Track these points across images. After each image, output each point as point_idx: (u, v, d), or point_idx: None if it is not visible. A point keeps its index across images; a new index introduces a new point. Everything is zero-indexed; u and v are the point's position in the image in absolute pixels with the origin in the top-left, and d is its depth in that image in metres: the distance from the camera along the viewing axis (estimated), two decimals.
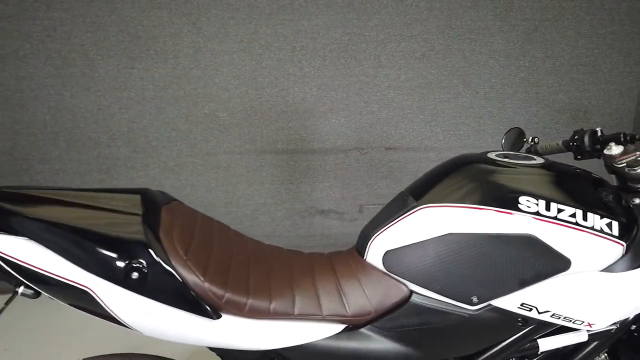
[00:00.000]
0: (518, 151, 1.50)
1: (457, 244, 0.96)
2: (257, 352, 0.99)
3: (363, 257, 1.07)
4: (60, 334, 2.33)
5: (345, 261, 1.08)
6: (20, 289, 0.91)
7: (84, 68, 2.53)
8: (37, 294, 0.92)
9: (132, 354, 1.13)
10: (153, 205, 0.97)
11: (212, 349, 1.20)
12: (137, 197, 0.97)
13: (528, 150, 1.48)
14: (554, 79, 2.97)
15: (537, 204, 0.95)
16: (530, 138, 1.47)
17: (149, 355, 1.14)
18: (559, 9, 2.86)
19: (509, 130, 1.56)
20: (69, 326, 2.40)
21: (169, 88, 2.64)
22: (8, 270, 0.86)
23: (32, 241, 0.85)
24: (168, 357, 1.17)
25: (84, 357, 1.11)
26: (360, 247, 1.09)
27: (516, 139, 1.55)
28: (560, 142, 1.37)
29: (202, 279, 0.90)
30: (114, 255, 0.85)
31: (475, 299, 0.97)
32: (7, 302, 0.97)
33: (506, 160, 1.08)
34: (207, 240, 1.00)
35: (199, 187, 2.81)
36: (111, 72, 2.56)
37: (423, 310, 0.99)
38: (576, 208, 0.96)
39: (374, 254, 1.04)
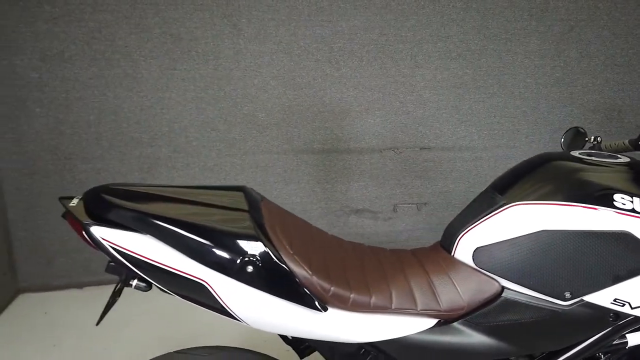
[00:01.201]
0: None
1: (551, 241, 0.98)
2: (354, 345, 1.02)
3: (450, 253, 1.09)
4: (107, 331, 2.36)
5: (432, 257, 1.10)
6: (134, 282, 0.94)
7: (127, 69, 2.57)
8: (149, 287, 0.95)
9: (218, 346, 1.16)
10: (255, 201, 1.00)
11: (300, 342, 1.23)
12: (241, 194, 1.00)
13: (591, 149, 1.50)
14: (588, 79, 2.99)
15: (632, 201, 0.98)
16: (593, 137, 1.49)
17: (234, 347, 1.16)
18: (595, 9, 2.87)
19: (568, 130, 1.58)
20: (114, 323, 2.44)
21: (210, 89, 2.67)
22: (126, 265, 0.89)
23: (151, 237, 0.88)
24: (249, 349, 1.20)
25: (174, 350, 1.14)
26: (447, 243, 1.11)
27: (574, 137, 1.57)
28: (626, 141, 1.39)
29: (310, 272, 0.93)
30: (229, 250, 0.88)
31: (568, 295, 0.99)
32: (118, 294, 0.99)
33: (593, 158, 1.10)
34: (301, 236, 1.03)
35: None
36: (154, 73, 2.60)
37: (515, 306, 1.02)
38: None
39: (463, 250, 1.06)
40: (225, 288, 0.89)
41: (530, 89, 2.96)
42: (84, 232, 0.90)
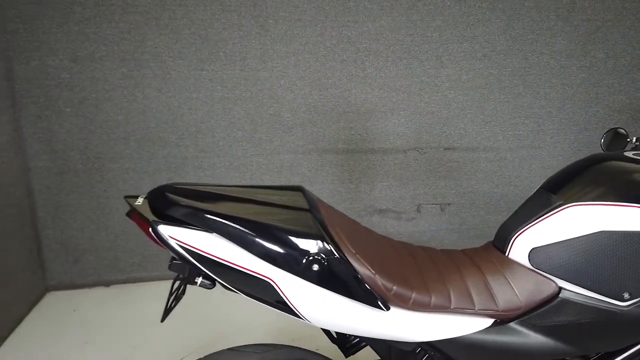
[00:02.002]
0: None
1: (609, 242, 0.99)
2: (412, 344, 1.02)
3: (504, 253, 1.10)
4: (138, 329, 2.39)
5: (486, 258, 1.11)
6: (199, 280, 0.95)
7: (156, 70, 2.60)
8: (213, 285, 0.96)
9: (271, 344, 1.17)
10: (313, 201, 1.01)
11: (346, 339, 1.24)
12: (300, 194, 1.01)
13: (634, 149, 1.49)
14: (614, 79, 2.97)
15: None
16: (635, 138, 1.49)
17: (287, 345, 1.17)
18: (621, 10, 2.86)
19: (607, 131, 1.57)
20: (146, 322, 2.46)
21: (237, 89, 2.69)
22: (193, 262, 0.90)
23: (218, 235, 0.89)
24: (302, 347, 1.20)
25: (226, 348, 1.15)
26: (501, 244, 1.12)
27: (613, 138, 1.56)
28: None
29: (373, 271, 0.94)
30: (296, 249, 0.89)
31: (627, 295, 1.00)
32: (183, 292, 1.01)
33: None
34: (357, 235, 1.03)
35: None
36: (182, 74, 2.62)
37: (573, 306, 1.02)
38: None
39: (519, 250, 1.07)
40: (291, 286, 0.91)
41: (556, 89, 2.95)
42: (150, 230, 0.91)
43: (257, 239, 0.89)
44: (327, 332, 1.35)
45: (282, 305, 0.93)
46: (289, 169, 2.86)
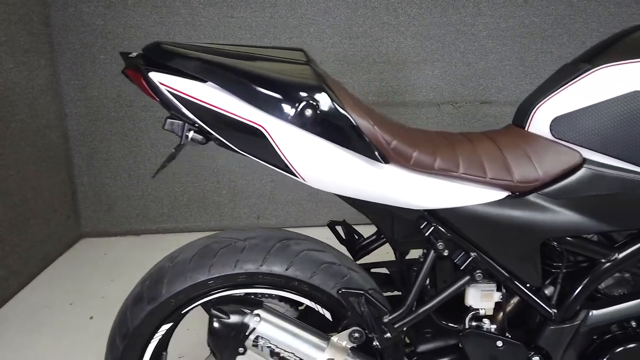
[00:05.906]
0: None
1: None
2: (415, 212, 0.95)
3: (524, 128, 1.01)
4: None
5: (503, 134, 1.03)
6: (191, 134, 0.92)
7: (186, 17, 2.61)
8: (205, 140, 0.93)
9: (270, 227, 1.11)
10: (313, 60, 0.96)
11: (354, 240, 1.18)
12: (301, 53, 0.96)
13: None
14: None
15: None
16: None
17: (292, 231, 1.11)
18: None
19: None
20: None
21: (265, 37, 2.67)
22: (183, 112, 0.87)
23: (212, 84, 0.86)
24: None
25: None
26: (520, 119, 1.03)
27: None
28: None
29: (372, 123, 0.88)
30: (290, 95, 0.85)
31: None
32: (179, 150, 0.98)
33: None
34: (359, 103, 0.97)
35: None
36: (212, 21, 2.63)
37: (598, 177, 0.92)
38: None
39: (539, 122, 0.97)
40: (282, 134, 0.86)
41: (603, 38, 2.75)
42: (143, 80, 0.89)
43: (250, 87, 0.85)
44: (336, 234, 1.30)
45: (276, 159, 0.88)
46: None
